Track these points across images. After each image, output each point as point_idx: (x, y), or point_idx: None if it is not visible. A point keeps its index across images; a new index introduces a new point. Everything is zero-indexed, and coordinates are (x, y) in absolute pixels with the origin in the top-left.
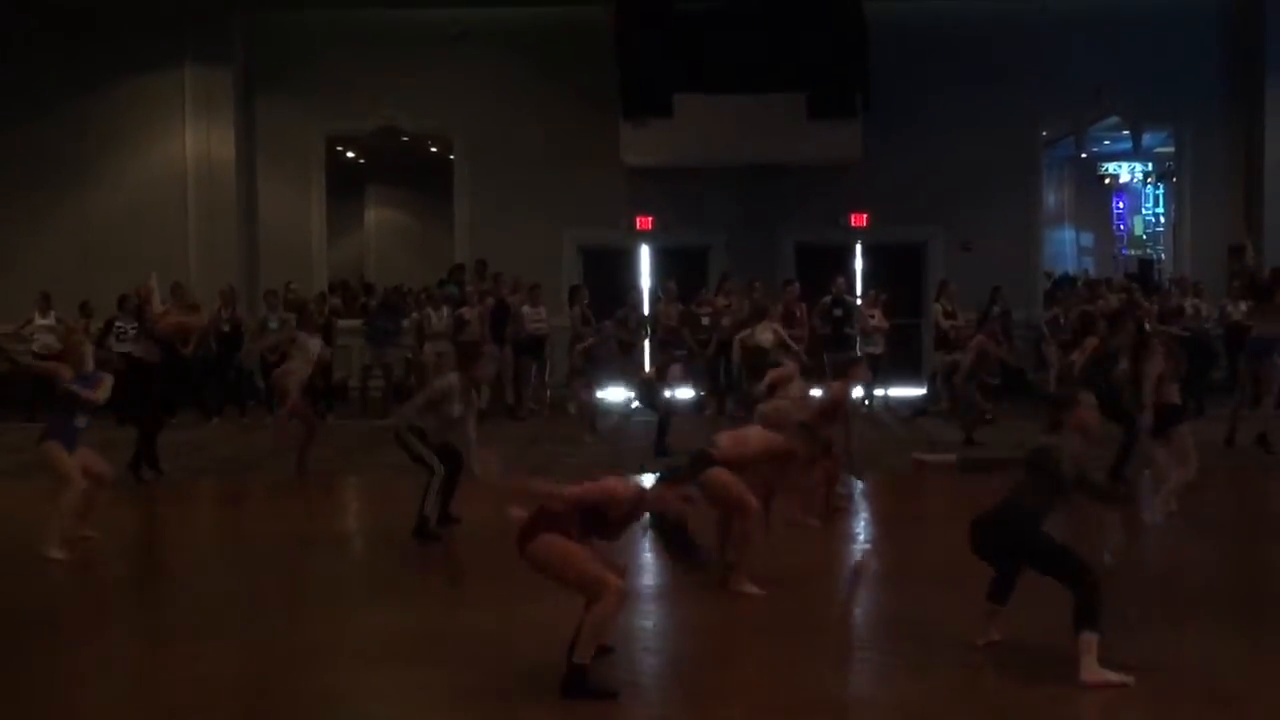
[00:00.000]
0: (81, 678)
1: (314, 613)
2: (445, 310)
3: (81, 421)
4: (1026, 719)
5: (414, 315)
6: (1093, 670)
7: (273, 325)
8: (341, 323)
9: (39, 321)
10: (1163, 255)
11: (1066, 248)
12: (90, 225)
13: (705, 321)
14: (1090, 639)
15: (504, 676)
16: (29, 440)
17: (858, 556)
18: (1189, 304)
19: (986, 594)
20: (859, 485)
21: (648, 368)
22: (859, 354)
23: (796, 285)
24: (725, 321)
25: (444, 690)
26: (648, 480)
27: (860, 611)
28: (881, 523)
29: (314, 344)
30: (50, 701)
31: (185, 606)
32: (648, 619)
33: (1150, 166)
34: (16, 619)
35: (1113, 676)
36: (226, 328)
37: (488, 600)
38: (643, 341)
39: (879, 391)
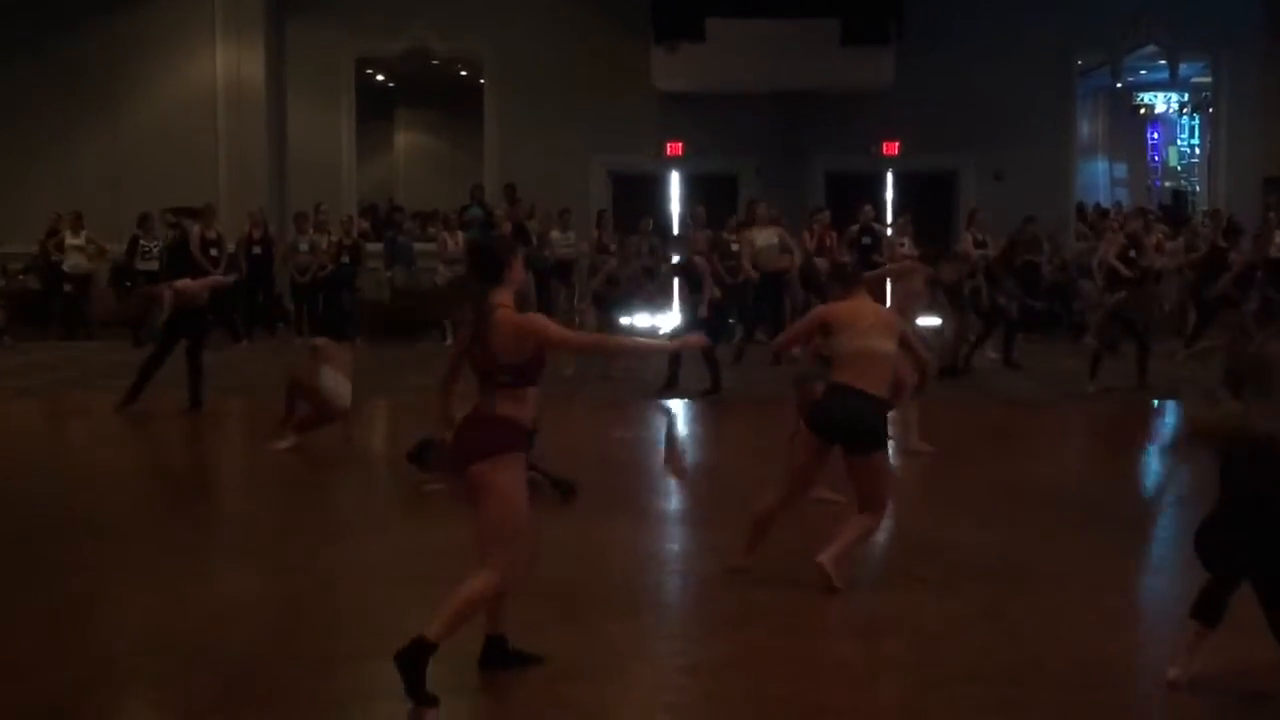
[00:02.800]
0: (114, 592)
1: (345, 532)
2: (460, 234)
3: None
4: (1052, 641)
5: (439, 237)
6: None
7: (303, 247)
8: (370, 246)
9: (70, 241)
10: (1197, 187)
11: (1099, 179)
12: (120, 145)
13: (735, 249)
14: None
15: (532, 594)
16: (64, 359)
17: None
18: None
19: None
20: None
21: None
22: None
23: (826, 213)
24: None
25: None
26: None
27: (888, 537)
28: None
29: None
30: (85, 614)
31: (217, 526)
32: (673, 541)
33: (1186, 97)
34: (49, 535)
35: None
36: (257, 250)
37: None
38: (665, 268)
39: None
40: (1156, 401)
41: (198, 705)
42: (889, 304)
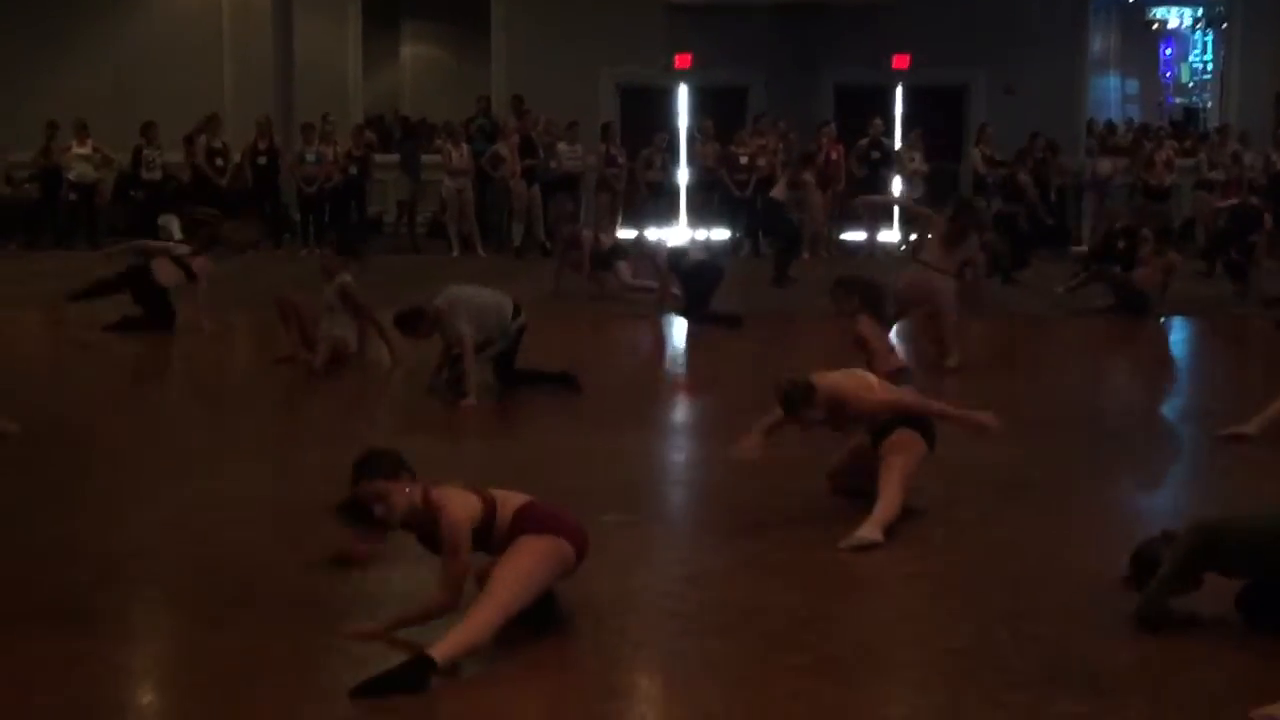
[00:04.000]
0: (124, 496)
1: (351, 438)
2: (465, 146)
3: None
4: (1058, 552)
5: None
6: None
7: (310, 158)
8: (377, 157)
9: (76, 150)
10: (1209, 103)
11: (1111, 95)
12: (125, 53)
13: (744, 161)
14: None
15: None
16: (68, 268)
17: None
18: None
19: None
20: None
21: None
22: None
23: (832, 127)
24: (761, 162)
25: None
26: None
27: None
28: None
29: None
30: (95, 517)
31: (227, 432)
32: (679, 452)
33: (1200, 12)
34: (57, 440)
35: None
36: (263, 160)
37: (525, 431)
38: (674, 181)
39: (914, 236)
40: (1163, 319)
41: (209, 607)
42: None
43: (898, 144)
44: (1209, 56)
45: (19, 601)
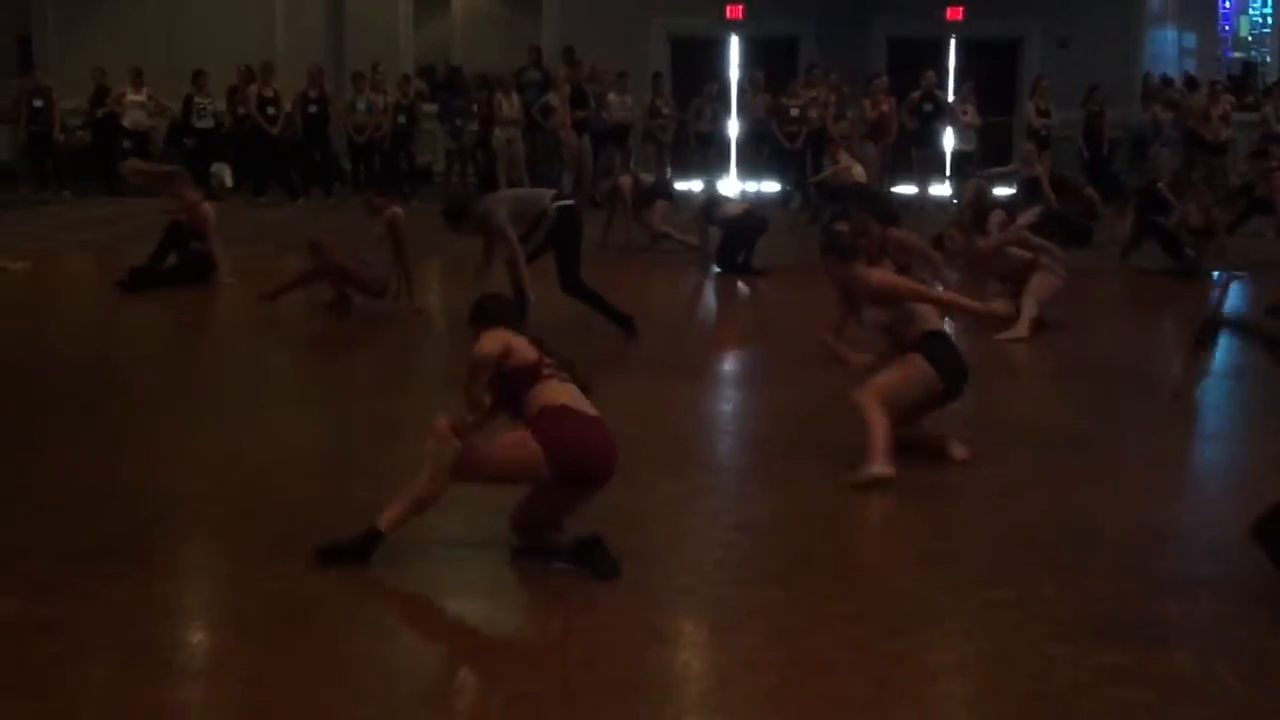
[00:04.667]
0: (171, 441)
1: (401, 387)
2: (516, 97)
3: None
4: (1105, 505)
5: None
6: None
7: (361, 107)
8: (425, 107)
9: (131, 97)
10: (1268, 58)
11: (1168, 49)
12: (179, 2)
13: (794, 114)
14: None
15: None
16: (120, 214)
17: None
18: None
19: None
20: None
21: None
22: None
23: (884, 79)
24: (813, 114)
25: None
26: None
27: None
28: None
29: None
30: (142, 461)
31: (274, 379)
32: (728, 403)
33: None
34: (107, 385)
35: None
36: (313, 109)
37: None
38: (724, 132)
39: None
40: (1216, 274)
41: (254, 552)
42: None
43: (950, 97)
44: (1269, 10)
45: (72, 541)
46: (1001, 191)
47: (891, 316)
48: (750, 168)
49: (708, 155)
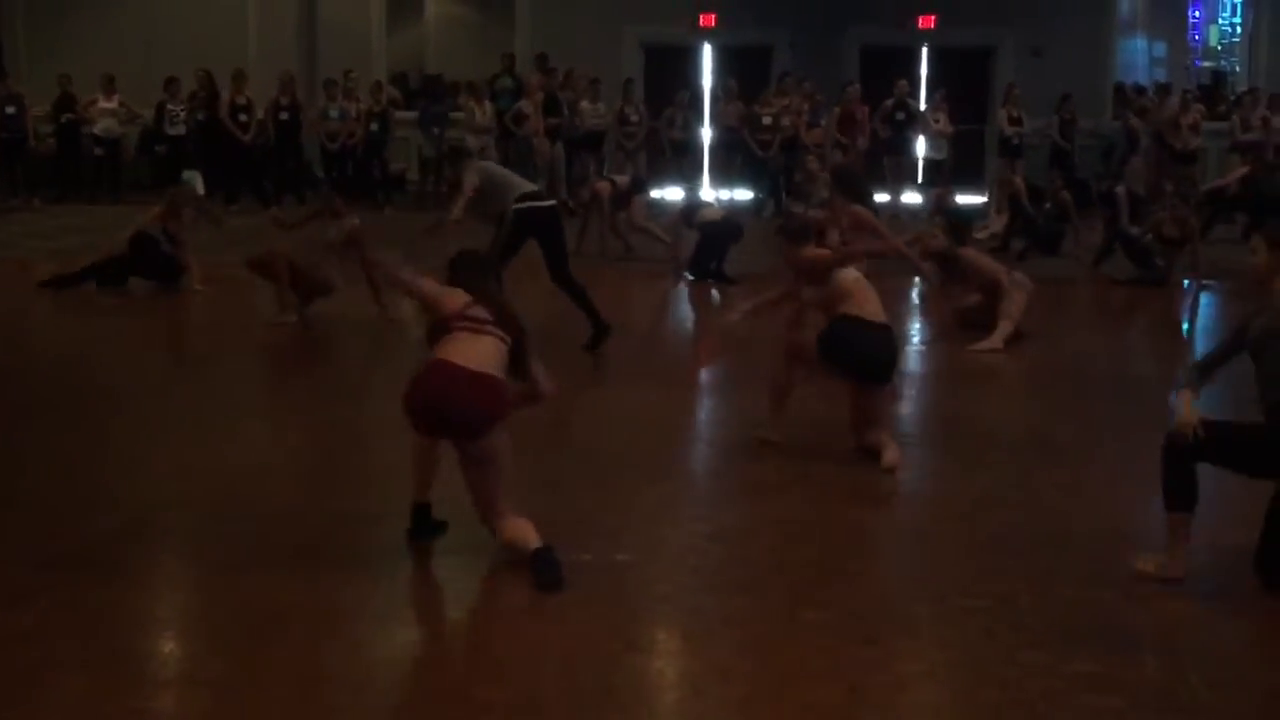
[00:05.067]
0: (148, 448)
1: (373, 393)
2: (488, 104)
3: None
4: (1078, 512)
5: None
6: None
7: (333, 114)
8: (399, 114)
9: (102, 104)
10: (1237, 67)
11: (1138, 57)
12: (151, 9)
13: (767, 122)
14: None
15: (560, 457)
16: (92, 223)
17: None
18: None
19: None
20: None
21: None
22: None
23: (857, 86)
24: (785, 122)
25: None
26: None
27: (919, 412)
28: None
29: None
30: (120, 468)
31: (249, 386)
32: (702, 410)
33: None
34: (84, 392)
35: None
36: (285, 116)
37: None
38: (697, 139)
39: None
40: (1187, 283)
41: (232, 559)
42: None
43: (922, 105)
44: (1238, 20)
45: (46, 551)
46: (967, 200)
47: (820, 295)
48: (723, 175)
49: (681, 163)
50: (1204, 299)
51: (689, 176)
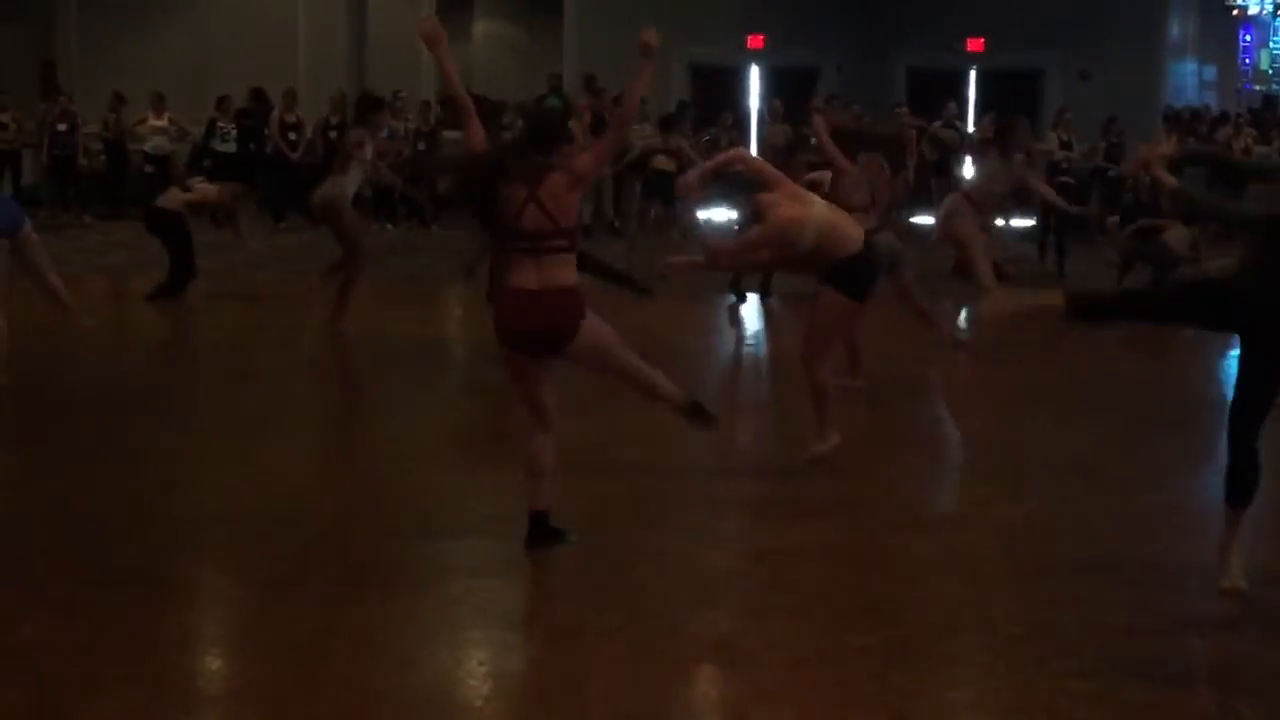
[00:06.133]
0: (194, 465)
1: (423, 410)
2: None
3: None
4: (1126, 539)
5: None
6: None
7: (383, 134)
8: (447, 133)
9: (153, 122)
10: None
11: (1189, 80)
12: (203, 28)
13: (814, 143)
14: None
15: (600, 480)
16: (141, 238)
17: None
18: None
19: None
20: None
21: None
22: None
23: (905, 108)
24: None
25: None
26: None
27: (958, 436)
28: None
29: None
30: (167, 485)
31: (292, 402)
32: (746, 431)
33: None
34: (130, 409)
35: None
36: (334, 134)
37: (587, 408)
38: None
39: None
40: None
41: (278, 576)
42: None
43: (970, 128)
44: None
45: (90, 567)
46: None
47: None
48: None
49: (726, 185)
50: None
51: (734, 199)
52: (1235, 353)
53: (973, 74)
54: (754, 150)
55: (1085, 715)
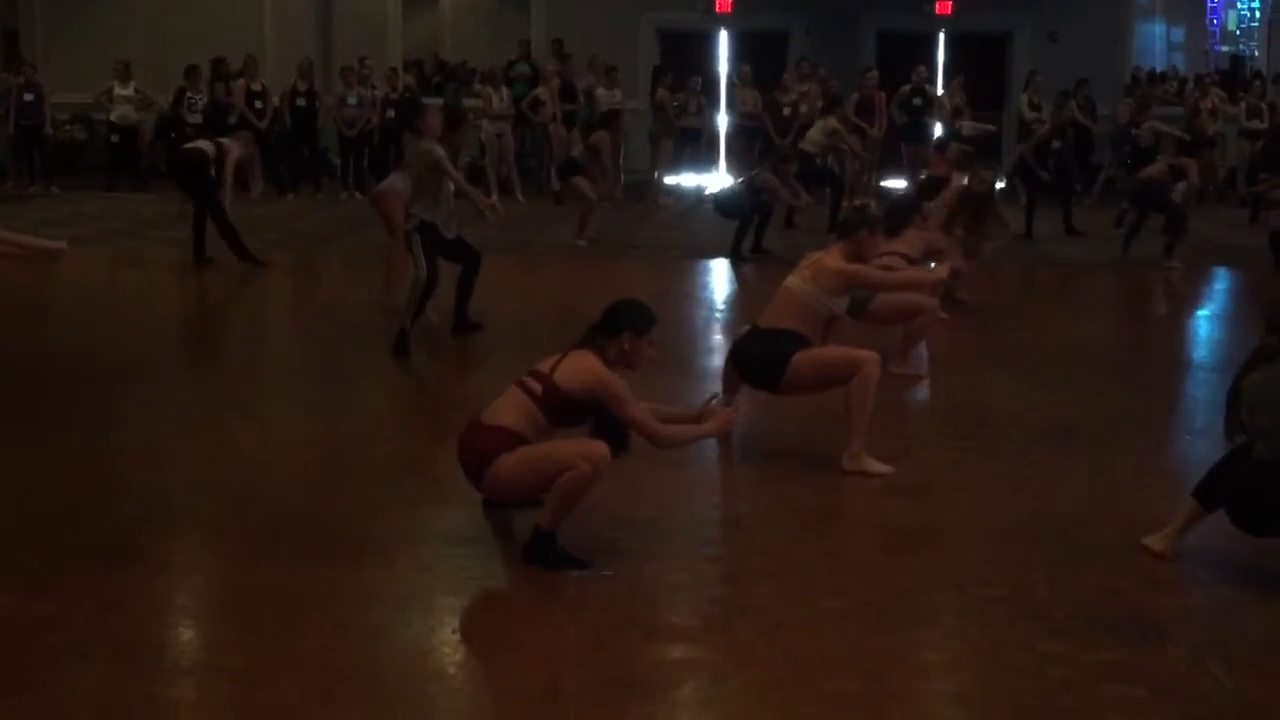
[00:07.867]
0: (165, 437)
1: (388, 380)
2: (505, 91)
3: None
4: (1097, 500)
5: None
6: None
7: (352, 101)
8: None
9: (119, 91)
10: (1256, 52)
11: (1156, 42)
12: None
13: (786, 112)
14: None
15: None
16: (110, 209)
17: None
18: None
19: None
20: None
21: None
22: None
23: (875, 73)
24: (804, 109)
25: None
26: None
27: (936, 399)
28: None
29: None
30: (138, 457)
31: (264, 373)
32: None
33: None
34: (101, 380)
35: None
36: (301, 102)
37: None
38: (711, 126)
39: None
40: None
41: (250, 548)
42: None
43: (940, 91)
44: (1256, 4)
45: (66, 538)
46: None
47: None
48: (743, 162)
49: (695, 149)
50: (1223, 283)
51: (703, 163)
52: (1205, 314)
53: (941, 37)
54: (723, 114)
55: (1057, 674)
